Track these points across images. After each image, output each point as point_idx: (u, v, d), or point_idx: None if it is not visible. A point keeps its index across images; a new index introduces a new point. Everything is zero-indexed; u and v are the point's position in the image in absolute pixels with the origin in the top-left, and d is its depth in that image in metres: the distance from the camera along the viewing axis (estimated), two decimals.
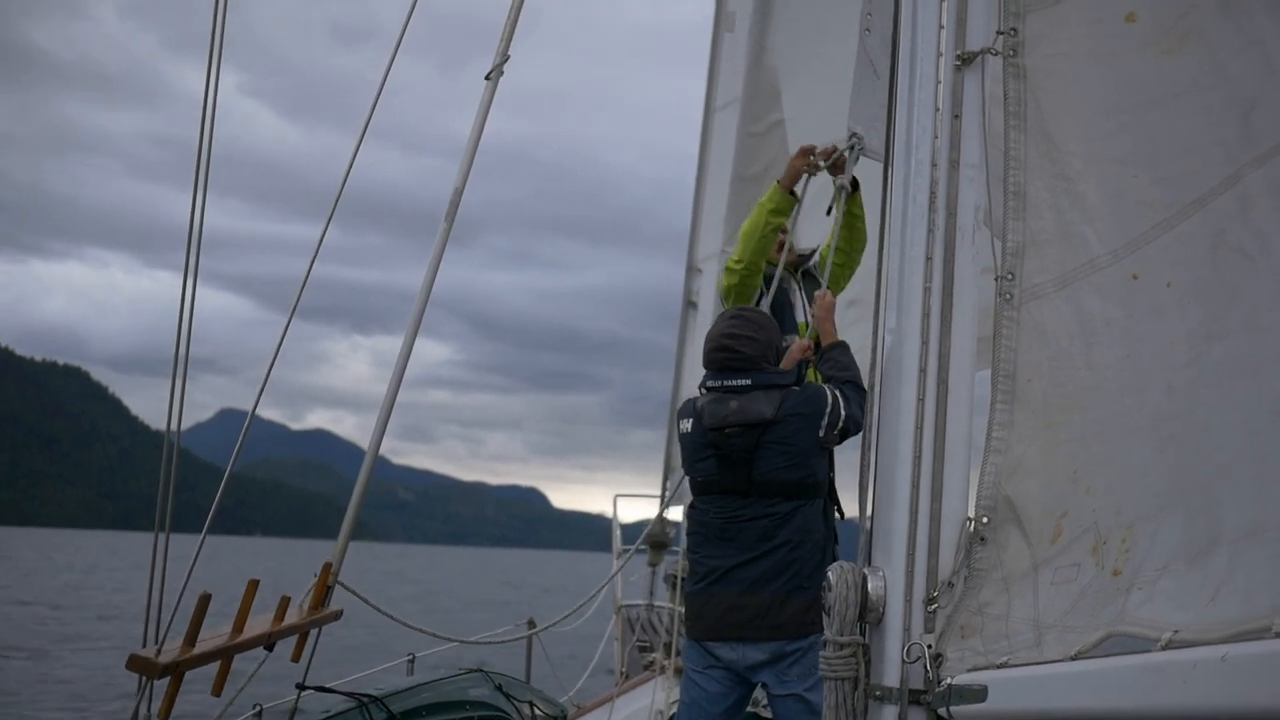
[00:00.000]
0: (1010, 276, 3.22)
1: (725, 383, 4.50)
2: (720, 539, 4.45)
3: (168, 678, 3.22)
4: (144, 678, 3.25)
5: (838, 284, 5.40)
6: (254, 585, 3.44)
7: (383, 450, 3.96)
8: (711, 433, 4.44)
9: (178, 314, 3.68)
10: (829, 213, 5.17)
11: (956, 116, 3.25)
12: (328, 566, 3.74)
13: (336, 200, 4.01)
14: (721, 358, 4.53)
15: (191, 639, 3.31)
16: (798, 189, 5.24)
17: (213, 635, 3.41)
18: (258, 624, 3.49)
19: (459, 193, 3.47)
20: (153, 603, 3.40)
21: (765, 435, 4.36)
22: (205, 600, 3.31)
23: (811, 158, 5.17)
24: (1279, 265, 2.79)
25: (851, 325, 5.59)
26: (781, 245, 5.32)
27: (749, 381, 4.46)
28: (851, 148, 4.61)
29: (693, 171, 9.95)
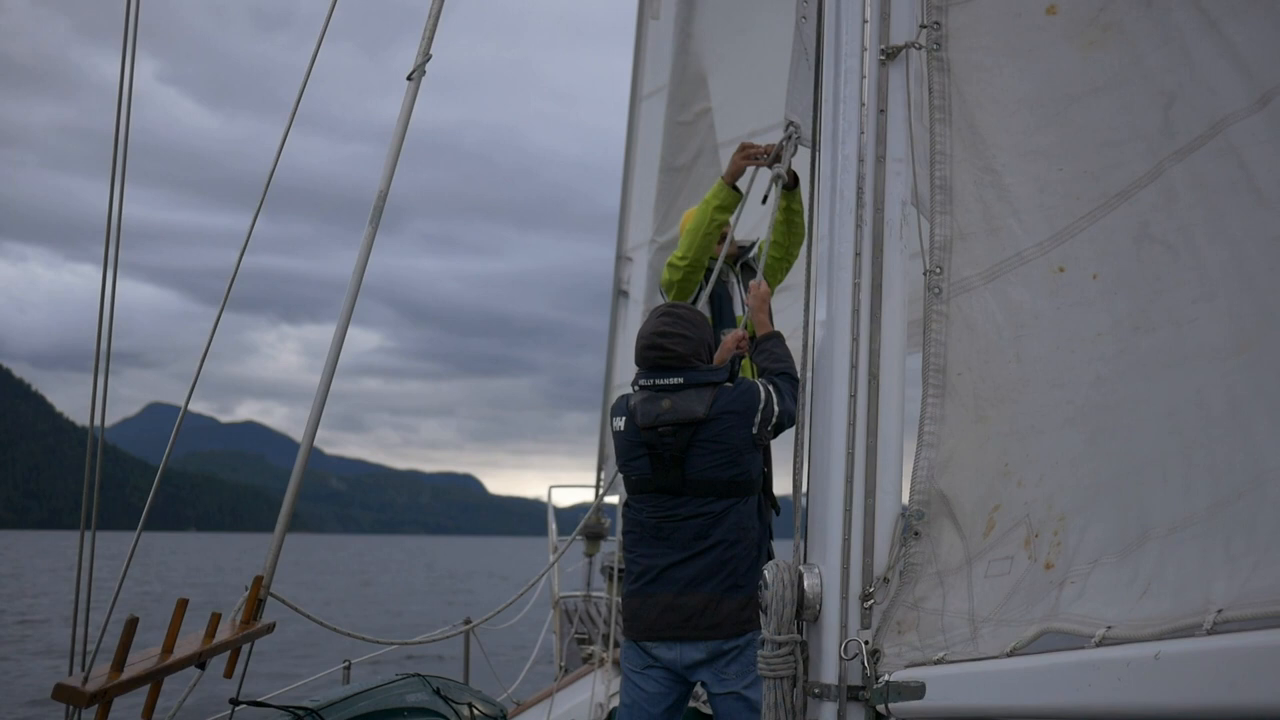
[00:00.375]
0: (939, 270, 3.22)
1: (657, 381, 4.47)
2: (655, 538, 4.43)
3: (96, 705, 3.13)
4: (71, 707, 3.15)
5: (775, 277, 5.39)
6: (183, 605, 3.35)
7: (315, 441, 3.89)
8: (644, 432, 4.42)
9: (98, 307, 3.59)
10: (764, 201, 5.15)
11: (882, 111, 3.24)
12: (259, 580, 3.66)
13: (265, 190, 3.92)
14: (653, 356, 4.50)
15: (119, 663, 3.21)
16: (741, 184, 5.21)
17: (142, 658, 3.32)
18: (188, 643, 3.40)
19: (383, 196, 3.40)
20: (79, 621, 3.31)
21: (698, 434, 4.34)
22: (132, 625, 3.21)
23: (754, 160, 5.11)
24: (1202, 258, 2.81)
25: (782, 311, 5.58)
26: (723, 238, 5.30)
27: (681, 380, 4.43)
28: (789, 137, 4.58)
29: (619, 153, 9.90)
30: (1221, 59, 2.90)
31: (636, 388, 4.59)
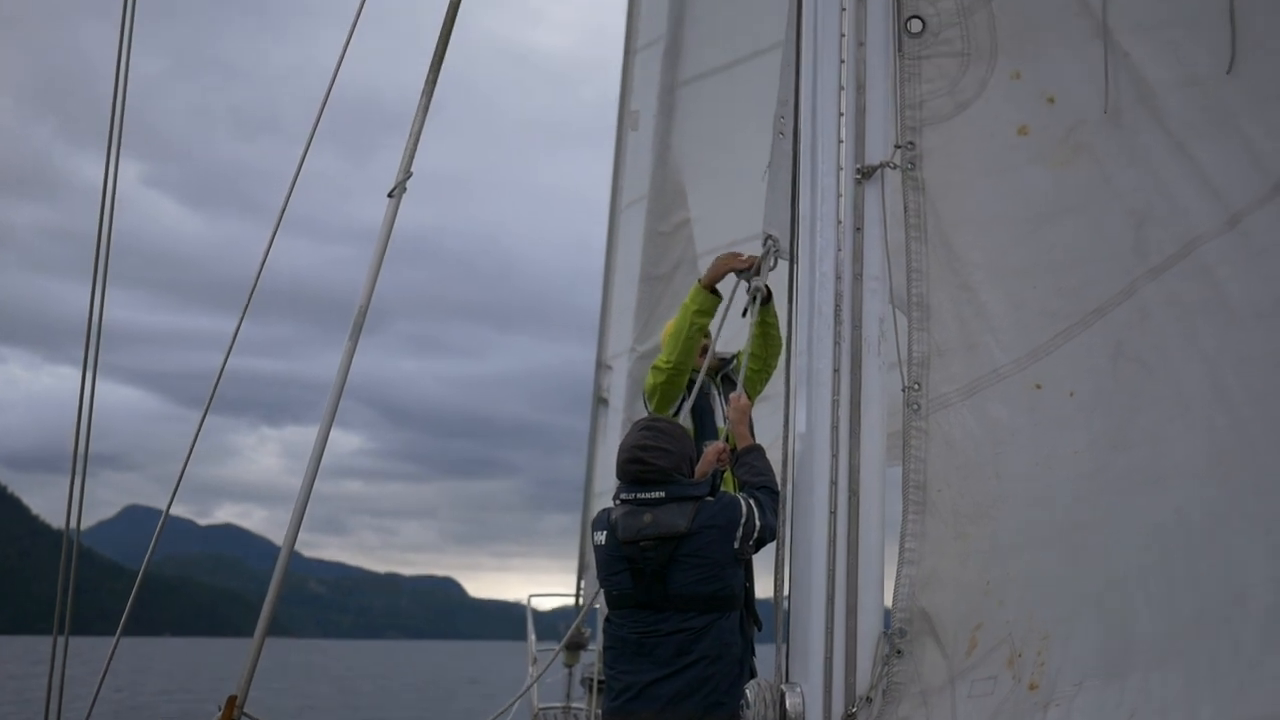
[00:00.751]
0: (917, 386, 3.23)
1: (639, 495, 4.44)
2: (636, 654, 4.36)
3: None
4: None
5: (754, 389, 5.39)
6: None
7: (295, 544, 3.83)
8: (625, 546, 4.37)
9: (76, 411, 3.57)
10: (744, 314, 5.18)
11: (858, 229, 3.27)
12: (232, 700, 3.58)
13: (251, 294, 3.92)
14: (635, 470, 4.48)
15: None
16: (721, 288, 5.23)
17: None
18: None
19: (363, 311, 3.41)
20: None
21: (679, 549, 4.30)
22: None
23: (735, 268, 5.13)
24: (1178, 377, 2.83)
25: (762, 420, 5.59)
26: (704, 350, 5.31)
27: (663, 494, 4.40)
28: (768, 251, 4.61)
29: (600, 258, 9.95)
30: (1190, 180, 2.96)
31: (618, 501, 4.56)
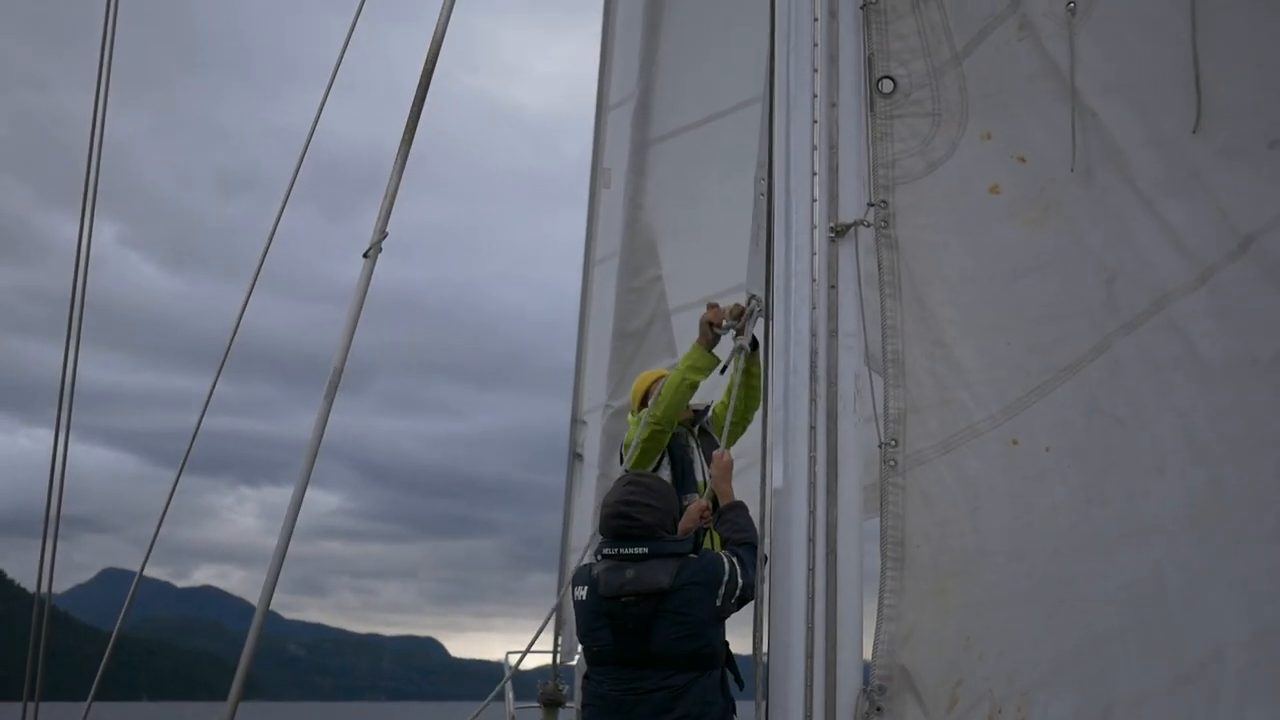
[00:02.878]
0: (894, 443, 3.24)
1: (622, 551, 4.41)
2: (616, 711, 4.31)
3: None
4: None
5: (734, 443, 5.40)
6: None
7: (273, 605, 3.79)
8: (607, 601, 4.34)
9: (49, 476, 3.54)
10: (723, 371, 5.20)
11: (833, 286, 3.29)
12: None
13: (226, 353, 3.90)
14: (618, 525, 4.46)
15: None
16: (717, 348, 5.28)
17: None
18: None
19: (338, 372, 3.41)
20: None
21: (662, 605, 4.27)
22: None
23: (718, 326, 5.18)
24: (1154, 432, 2.85)
25: (739, 475, 5.60)
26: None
27: (646, 550, 4.38)
28: (751, 312, 4.66)
29: (576, 310, 9.93)
30: (1160, 236, 3.00)
31: (598, 556, 4.53)
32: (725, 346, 5.18)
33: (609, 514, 4.54)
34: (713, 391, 5.93)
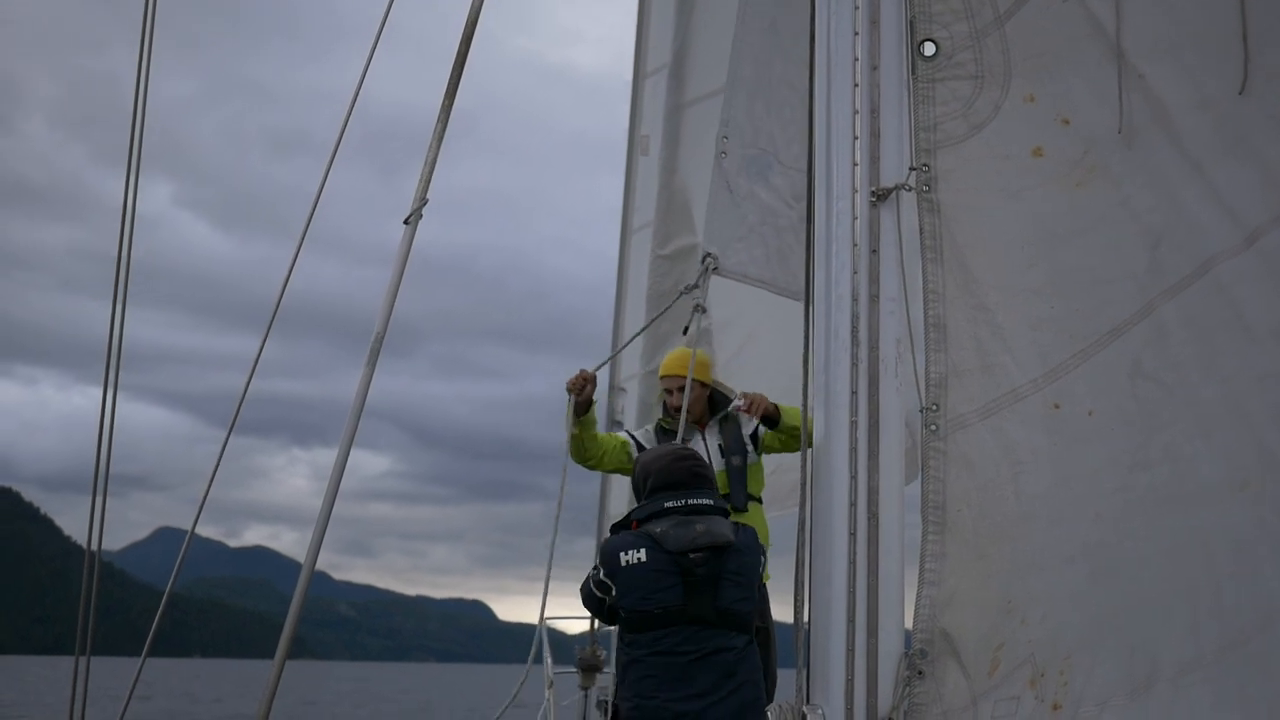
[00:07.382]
0: (935, 408, 3.23)
1: (689, 501, 4.32)
2: (681, 678, 4.17)
3: None
4: None
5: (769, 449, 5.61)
6: None
7: (322, 565, 3.83)
8: (678, 557, 4.25)
9: (97, 429, 3.58)
10: (685, 332, 5.33)
11: (874, 251, 3.28)
12: None
13: (274, 314, 3.92)
14: (690, 465, 4.39)
15: None
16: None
17: None
18: None
19: (379, 338, 3.42)
20: None
21: (726, 563, 4.23)
22: None
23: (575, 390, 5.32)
24: (1197, 396, 2.83)
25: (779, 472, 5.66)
26: (678, 408, 5.43)
27: (711, 501, 4.35)
28: (706, 269, 4.71)
29: None
30: (1206, 199, 2.96)
31: (659, 515, 4.37)
32: (683, 309, 5.34)
33: (673, 459, 4.50)
34: (730, 379, 5.98)
